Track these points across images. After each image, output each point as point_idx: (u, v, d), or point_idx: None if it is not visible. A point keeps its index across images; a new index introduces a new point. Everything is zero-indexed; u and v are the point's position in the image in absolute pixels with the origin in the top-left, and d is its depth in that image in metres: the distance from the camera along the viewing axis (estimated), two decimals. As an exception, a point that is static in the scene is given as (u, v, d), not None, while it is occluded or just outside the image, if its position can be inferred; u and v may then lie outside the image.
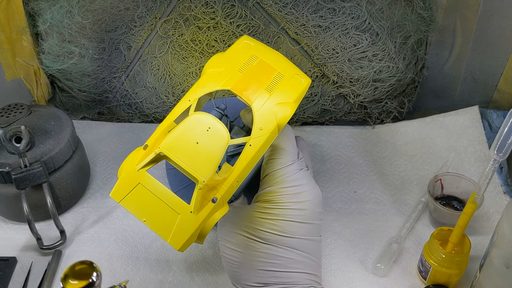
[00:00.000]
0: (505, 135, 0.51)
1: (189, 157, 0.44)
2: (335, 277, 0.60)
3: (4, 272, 0.61)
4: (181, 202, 0.44)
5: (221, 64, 0.49)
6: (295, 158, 0.51)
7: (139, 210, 0.44)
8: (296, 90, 0.49)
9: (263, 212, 0.49)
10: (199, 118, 0.45)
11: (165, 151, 0.44)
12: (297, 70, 0.51)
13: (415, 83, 0.83)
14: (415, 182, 0.73)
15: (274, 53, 0.52)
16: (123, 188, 0.45)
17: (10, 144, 0.63)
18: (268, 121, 0.47)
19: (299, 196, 0.49)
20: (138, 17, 0.77)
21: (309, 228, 0.49)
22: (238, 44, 0.52)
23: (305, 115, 0.82)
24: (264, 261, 0.48)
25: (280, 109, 0.47)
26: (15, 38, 0.78)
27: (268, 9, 0.74)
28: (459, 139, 0.76)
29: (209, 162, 0.44)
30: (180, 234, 0.44)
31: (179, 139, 0.45)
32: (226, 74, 0.49)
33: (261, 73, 0.49)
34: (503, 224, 0.48)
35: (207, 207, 0.44)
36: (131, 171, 0.45)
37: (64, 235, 0.65)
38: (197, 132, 0.45)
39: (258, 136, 0.46)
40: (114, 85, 0.83)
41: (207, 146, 0.44)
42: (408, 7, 0.75)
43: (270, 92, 0.48)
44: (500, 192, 0.70)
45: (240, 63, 0.50)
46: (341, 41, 0.74)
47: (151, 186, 0.45)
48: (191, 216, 0.44)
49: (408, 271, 0.61)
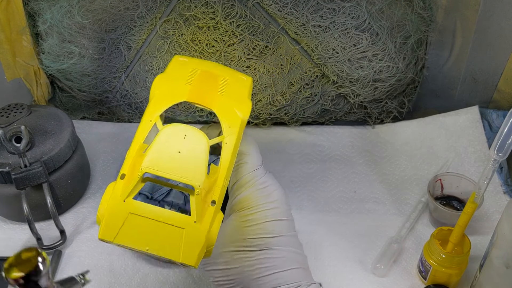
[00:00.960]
0: (505, 135, 0.51)
1: (176, 168, 0.43)
2: (334, 277, 0.60)
3: (4, 272, 0.61)
4: (181, 216, 0.42)
5: (166, 83, 0.50)
6: (260, 162, 0.52)
7: (137, 240, 0.42)
8: (244, 87, 0.52)
9: (244, 220, 0.49)
10: (172, 129, 0.45)
11: (149, 169, 0.42)
12: (237, 72, 0.53)
13: (415, 83, 0.83)
14: (415, 182, 0.73)
15: (211, 63, 0.53)
16: (113, 225, 0.42)
17: (10, 144, 0.63)
18: (234, 118, 0.48)
19: (271, 196, 0.50)
20: (138, 17, 0.77)
21: (288, 224, 0.50)
22: (174, 63, 0.52)
23: (305, 115, 0.82)
24: (261, 267, 0.48)
25: (240, 105, 0.49)
26: (15, 38, 0.78)
27: (268, 9, 0.74)
28: (459, 139, 0.76)
29: (197, 166, 0.43)
30: (191, 249, 0.42)
31: (159, 154, 0.43)
32: (176, 90, 0.49)
33: (207, 81, 0.50)
34: (503, 224, 0.48)
35: (209, 211, 0.43)
36: (116, 204, 0.42)
37: (64, 235, 0.65)
38: (175, 142, 0.44)
39: (230, 132, 0.47)
40: (114, 85, 0.83)
41: (190, 152, 0.44)
42: (408, 7, 0.75)
43: (223, 94, 0.50)
44: (500, 192, 0.70)
45: (184, 78, 0.50)
46: (341, 41, 0.74)
47: (143, 212, 0.42)
48: (196, 226, 0.42)
49: (408, 271, 0.61)
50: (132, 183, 0.43)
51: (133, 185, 0.43)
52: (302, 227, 0.67)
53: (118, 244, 0.42)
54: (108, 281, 0.60)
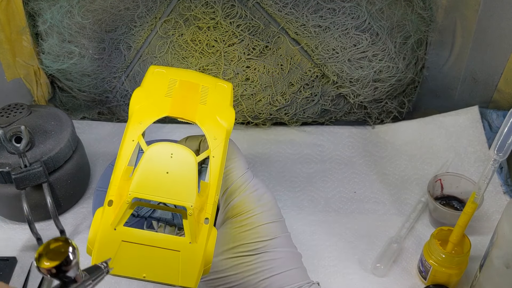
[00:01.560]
0: (505, 135, 0.51)
1: (165, 190, 0.41)
2: (334, 278, 0.60)
3: (4, 272, 0.61)
4: (176, 238, 0.41)
5: (145, 97, 0.47)
6: (246, 165, 0.52)
7: (133, 268, 0.41)
8: (225, 95, 0.50)
9: (239, 226, 0.49)
10: (157, 148, 0.42)
11: (138, 194, 0.40)
12: (216, 79, 0.51)
13: (415, 83, 0.83)
14: (415, 182, 0.73)
15: (189, 72, 0.51)
16: (105, 255, 0.41)
17: (10, 144, 0.63)
18: (218, 129, 0.46)
19: (262, 198, 0.50)
20: (138, 17, 0.77)
21: (280, 225, 0.50)
22: (151, 75, 0.50)
23: (305, 115, 0.82)
24: (261, 270, 0.48)
25: (223, 114, 0.47)
26: (15, 38, 0.78)
27: (268, 9, 0.74)
28: (459, 139, 0.76)
29: (188, 186, 0.41)
30: (189, 270, 0.41)
31: (146, 176, 0.41)
32: (156, 104, 0.47)
33: (187, 91, 0.48)
34: (503, 224, 0.48)
35: (203, 230, 0.42)
36: (106, 233, 0.41)
37: (64, 235, 0.65)
38: (162, 162, 0.42)
39: (216, 145, 0.45)
40: (114, 85, 0.83)
41: (178, 172, 0.42)
42: (408, 7, 0.75)
43: (205, 104, 0.48)
44: (500, 192, 0.70)
45: (163, 90, 0.48)
46: (341, 41, 0.74)
47: (136, 238, 0.41)
48: (191, 247, 0.41)
49: (408, 271, 0.61)
50: (122, 209, 0.41)
51: (122, 212, 0.41)
52: (302, 227, 0.67)
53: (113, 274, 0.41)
54: (108, 281, 0.60)
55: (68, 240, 0.33)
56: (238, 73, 0.78)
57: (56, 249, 0.33)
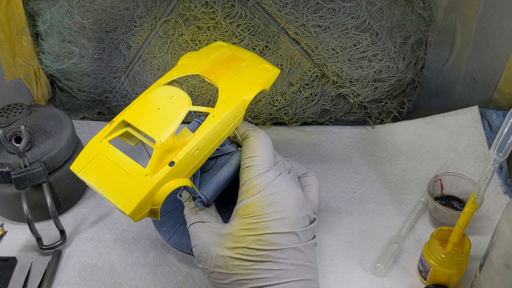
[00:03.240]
0: (505, 135, 0.51)
1: (149, 122, 0.45)
2: (334, 278, 0.60)
3: (4, 272, 0.61)
4: (138, 166, 0.44)
5: (194, 57, 0.53)
6: (271, 164, 0.49)
7: (95, 179, 0.44)
8: (263, 74, 0.52)
9: (244, 228, 0.47)
10: (163, 88, 0.47)
11: (127, 117, 0.46)
12: (267, 62, 0.54)
13: (415, 83, 0.83)
14: (415, 182, 0.73)
15: (247, 51, 0.55)
16: (84, 160, 0.45)
17: (10, 144, 0.63)
18: (233, 96, 0.48)
19: (277, 205, 0.48)
20: (138, 17, 0.77)
21: (295, 236, 0.48)
22: (211, 46, 0.55)
23: (305, 115, 0.82)
24: (256, 277, 0.47)
25: (246, 87, 0.50)
26: (15, 38, 0.78)
27: (268, 9, 0.74)
28: (459, 139, 0.76)
29: (167, 124, 0.44)
30: (132, 198, 0.43)
31: (141, 107, 0.46)
32: (197, 64, 0.52)
33: (230, 62, 0.52)
34: (503, 224, 0.48)
35: (163, 169, 0.44)
36: (93, 143, 0.46)
37: (64, 235, 0.65)
38: (160, 100, 0.46)
39: (222, 108, 0.47)
40: (114, 85, 0.83)
41: (167, 111, 0.45)
42: (408, 7, 0.75)
43: (237, 75, 0.51)
44: (500, 192, 0.70)
45: (212, 56, 0.53)
46: (341, 41, 0.74)
47: (111, 155, 0.45)
48: (145, 178, 0.43)
49: (408, 271, 0.61)
50: (111, 127, 0.46)
51: (111, 129, 0.46)
52: (302, 227, 0.67)
53: (81, 178, 0.44)
54: (108, 281, 0.60)
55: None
56: (238, 73, 0.78)
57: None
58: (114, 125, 0.46)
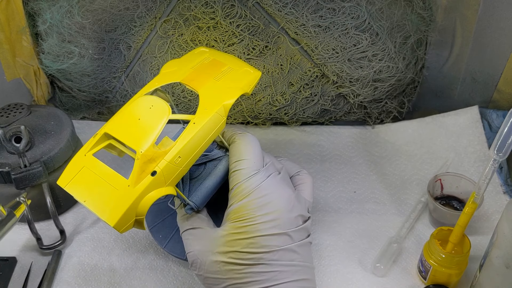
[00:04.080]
0: (505, 135, 0.51)
1: (129, 133, 0.45)
2: (334, 278, 0.60)
3: (4, 272, 0.61)
4: (121, 178, 0.44)
5: (176, 65, 0.53)
6: (259, 166, 0.49)
7: (80, 192, 0.45)
8: (244, 78, 0.52)
9: (236, 232, 0.47)
10: (143, 98, 0.47)
11: (108, 130, 0.46)
12: (247, 66, 0.54)
13: (415, 83, 0.83)
14: (415, 182, 0.73)
15: (229, 56, 0.55)
16: (69, 174, 0.45)
17: (10, 144, 0.63)
18: (213, 102, 0.48)
19: (267, 207, 0.47)
20: (138, 17, 0.77)
21: (287, 237, 0.48)
22: (192, 52, 0.55)
23: (305, 115, 0.82)
24: (250, 280, 0.47)
25: (227, 92, 0.49)
26: (15, 38, 0.78)
27: (268, 9, 0.74)
28: (459, 139, 0.76)
29: (147, 134, 0.45)
30: (116, 210, 0.43)
31: (122, 118, 0.46)
32: (178, 72, 0.51)
33: (211, 68, 0.52)
34: (503, 224, 0.48)
35: (145, 180, 0.44)
36: (78, 157, 0.46)
37: (64, 235, 0.65)
38: (140, 110, 0.46)
39: (203, 114, 0.47)
40: (114, 85, 0.83)
41: (148, 121, 0.46)
42: (408, 7, 0.75)
43: (218, 81, 0.50)
44: (500, 192, 0.70)
45: (193, 63, 0.53)
46: (341, 41, 0.74)
47: (96, 168, 0.45)
48: (127, 189, 0.43)
49: (408, 271, 0.61)
50: (94, 140, 0.46)
51: (93, 142, 0.46)
52: (302, 227, 0.67)
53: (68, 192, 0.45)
54: (108, 281, 0.60)
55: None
56: (238, 73, 0.78)
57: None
58: (97, 137, 0.47)
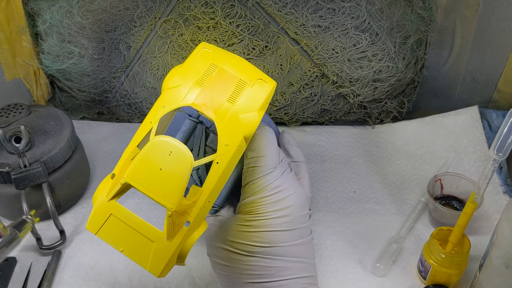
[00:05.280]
0: (505, 135, 0.51)
1: (154, 185, 0.43)
2: (334, 278, 0.60)
3: (4, 272, 0.61)
4: (154, 230, 0.44)
5: (179, 79, 0.47)
6: (276, 163, 0.49)
7: (115, 240, 0.44)
8: (260, 96, 0.47)
9: (244, 224, 0.48)
10: (160, 143, 0.43)
11: (130, 180, 0.43)
12: (260, 73, 0.48)
13: (414, 83, 0.83)
14: (415, 182, 0.73)
15: (235, 58, 0.49)
16: (97, 220, 0.44)
17: (9, 144, 0.63)
18: (234, 135, 0.45)
19: (281, 203, 0.48)
20: (137, 17, 0.77)
21: (295, 233, 0.48)
22: (196, 53, 0.49)
23: (305, 115, 0.82)
24: (253, 273, 0.47)
25: (245, 120, 0.46)
26: (15, 38, 0.78)
27: (267, 9, 0.74)
28: (459, 139, 0.76)
29: (174, 187, 0.43)
30: (157, 262, 0.44)
31: (141, 166, 0.43)
32: (185, 89, 0.46)
33: (221, 83, 0.47)
34: (503, 224, 0.48)
35: (181, 231, 0.44)
36: (102, 202, 0.45)
37: (64, 235, 0.65)
38: (159, 157, 0.43)
39: (224, 152, 0.44)
40: (114, 85, 0.83)
41: (170, 171, 0.43)
42: (408, 7, 0.75)
43: (233, 103, 0.46)
44: (500, 192, 0.70)
45: (198, 75, 0.47)
46: (341, 41, 0.74)
47: (123, 216, 0.44)
48: (165, 243, 0.43)
49: (407, 271, 0.61)
50: (116, 187, 0.44)
51: (116, 190, 0.44)
52: (302, 227, 0.67)
53: (100, 239, 0.45)
54: (108, 281, 0.60)
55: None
56: (238, 73, 0.78)
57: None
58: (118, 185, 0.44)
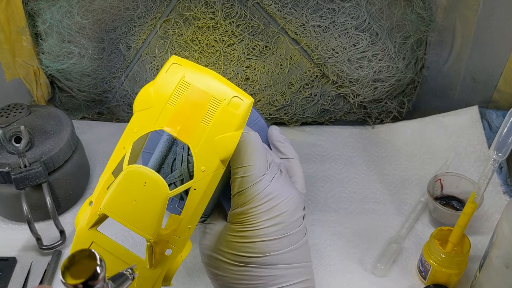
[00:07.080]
0: (505, 135, 0.51)
1: (130, 216, 0.42)
2: (334, 278, 0.60)
3: (4, 272, 0.61)
4: (136, 257, 0.44)
5: (150, 100, 0.45)
6: (264, 170, 0.46)
7: None
8: (236, 115, 0.44)
9: (235, 235, 0.46)
10: (133, 173, 0.42)
11: (106, 211, 0.43)
12: (235, 89, 0.45)
13: (414, 83, 0.83)
14: (415, 182, 0.73)
15: (207, 74, 0.45)
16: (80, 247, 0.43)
17: (9, 144, 0.63)
18: (210, 160, 0.43)
19: (273, 211, 0.46)
20: (137, 17, 0.77)
21: (288, 240, 0.47)
22: (166, 69, 0.46)
23: (305, 115, 0.82)
24: (247, 283, 0.47)
25: (222, 142, 0.43)
26: (15, 38, 0.78)
27: (267, 9, 0.74)
28: (459, 139, 0.76)
29: (151, 219, 0.42)
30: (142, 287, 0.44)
31: (116, 197, 0.42)
32: (157, 111, 0.44)
33: (194, 103, 0.44)
34: (503, 224, 0.48)
35: (164, 259, 0.44)
36: (82, 229, 0.45)
37: (64, 235, 0.65)
38: (133, 188, 0.42)
39: (202, 178, 0.43)
40: (114, 85, 0.83)
41: (146, 203, 0.42)
42: (408, 7, 0.75)
43: (207, 124, 0.43)
44: (500, 192, 0.70)
45: (170, 94, 0.45)
46: (341, 41, 0.74)
47: (105, 244, 0.44)
48: (149, 270, 0.44)
49: (407, 271, 0.61)
50: (94, 217, 0.44)
51: (95, 219, 0.44)
52: (302, 227, 0.67)
53: None
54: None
55: (94, 253, 0.33)
56: (237, 73, 0.78)
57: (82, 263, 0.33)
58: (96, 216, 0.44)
